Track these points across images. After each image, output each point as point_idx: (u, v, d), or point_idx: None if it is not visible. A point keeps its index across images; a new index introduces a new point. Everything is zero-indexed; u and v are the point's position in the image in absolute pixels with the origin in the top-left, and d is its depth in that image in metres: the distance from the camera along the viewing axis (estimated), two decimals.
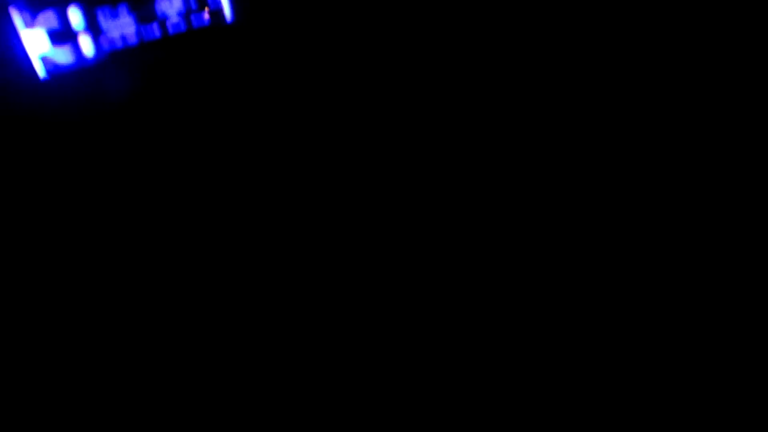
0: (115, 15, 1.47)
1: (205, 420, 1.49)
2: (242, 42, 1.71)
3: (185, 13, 1.59)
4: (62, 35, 1.39)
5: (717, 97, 2.10)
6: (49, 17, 1.36)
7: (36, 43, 1.35)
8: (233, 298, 1.75)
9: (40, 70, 1.36)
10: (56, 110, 1.41)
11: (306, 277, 1.82)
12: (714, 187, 1.98)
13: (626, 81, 2.17)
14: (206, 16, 1.63)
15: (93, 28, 1.44)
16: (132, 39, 1.51)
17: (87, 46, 1.44)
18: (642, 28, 2.10)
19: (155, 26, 1.54)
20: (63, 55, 1.41)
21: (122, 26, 1.49)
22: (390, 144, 2.07)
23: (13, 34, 1.31)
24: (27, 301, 1.49)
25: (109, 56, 1.48)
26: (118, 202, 1.58)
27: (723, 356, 1.58)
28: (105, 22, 1.45)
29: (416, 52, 2.05)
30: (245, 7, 1.69)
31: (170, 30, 1.57)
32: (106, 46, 1.47)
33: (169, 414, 1.50)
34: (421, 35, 2.03)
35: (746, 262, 1.78)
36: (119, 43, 1.49)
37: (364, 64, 1.97)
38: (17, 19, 1.31)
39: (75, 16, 1.40)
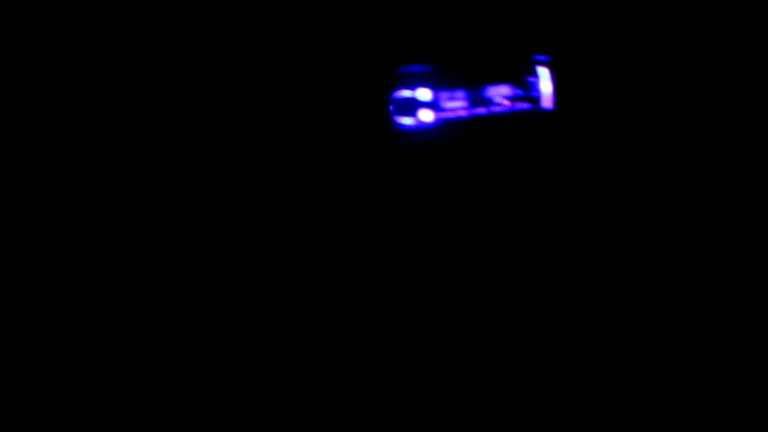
0: (452, 97, 1.84)
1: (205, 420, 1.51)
2: (557, 127, 1.87)
3: (510, 99, 1.86)
4: (411, 107, 1.81)
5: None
6: (404, 94, 1.81)
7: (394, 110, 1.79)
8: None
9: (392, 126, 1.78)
10: (394, 153, 1.77)
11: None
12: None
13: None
14: (527, 104, 1.87)
15: (434, 104, 1.82)
16: (463, 114, 1.83)
17: (427, 116, 1.81)
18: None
19: (482, 108, 1.85)
20: (408, 120, 1.80)
21: (457, 105, 1.84)
22: None
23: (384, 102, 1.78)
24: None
25: (442, 123, 1.81)
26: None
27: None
28: (444, 101, 1.83)
29: None
30: (564, 99, 1.87)
31: (495, 111, 1.85)
32: (441, 117, 1.82)
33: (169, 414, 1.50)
34: None
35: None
36: (452, 116, 1.83)
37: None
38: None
39: (423, 94, 1.82)
